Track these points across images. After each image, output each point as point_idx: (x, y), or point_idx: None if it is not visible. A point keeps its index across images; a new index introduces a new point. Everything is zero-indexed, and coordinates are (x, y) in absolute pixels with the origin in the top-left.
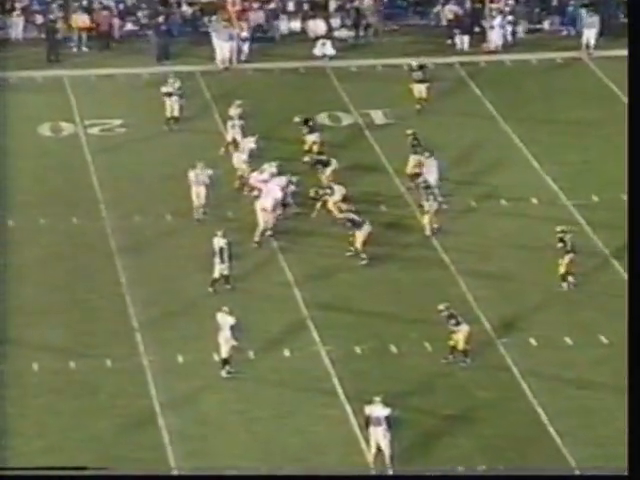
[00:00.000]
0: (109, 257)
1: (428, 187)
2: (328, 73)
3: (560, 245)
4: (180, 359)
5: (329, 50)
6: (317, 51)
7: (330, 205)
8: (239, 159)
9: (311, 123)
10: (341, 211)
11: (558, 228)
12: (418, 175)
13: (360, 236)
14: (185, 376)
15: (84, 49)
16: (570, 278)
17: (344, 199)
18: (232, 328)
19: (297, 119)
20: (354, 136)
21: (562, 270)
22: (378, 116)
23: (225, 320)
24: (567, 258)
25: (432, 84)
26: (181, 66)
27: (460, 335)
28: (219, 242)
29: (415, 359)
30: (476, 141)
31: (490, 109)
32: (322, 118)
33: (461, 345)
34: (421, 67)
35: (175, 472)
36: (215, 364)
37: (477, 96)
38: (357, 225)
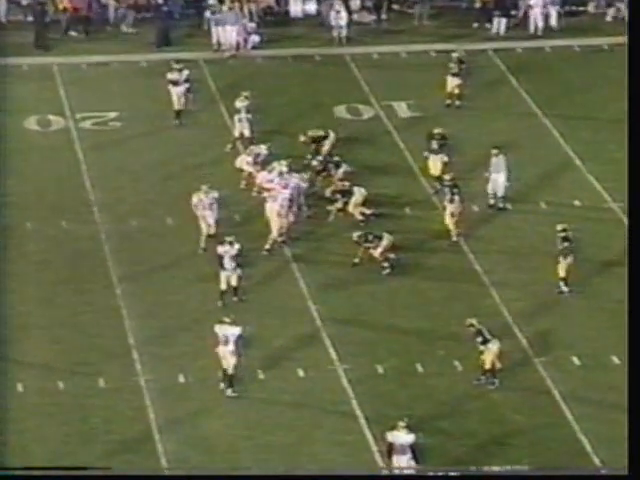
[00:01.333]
0: (103, 266)
1: (455, 186)
2: (347, 61)
3: (565, 245)
4: (181, 379)
5: (343, 21)
6: (333, 21)
7: (351, 208)
8: (242, 161)
9: (319, 140)
10: (363, 215)
11: (559, 227)
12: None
13: (379, 248)
14: (187, 397)
15: (72, 33)
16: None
17: (365, 202)
18: (238, 340)
19: (303, 138)
20: (375, 131)
21: (563, 273)
22: (402, 109)
23: (228, 332)
24: (570, 259)
25: (466, 81)
26: (183, 53)
27: (488, 354)
28: (228, 249)
29: (443, 379)
30: (511, 138)
31: (527, 102)
32: (340, 111)
33: (488, 364)
34: (460, 61)
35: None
36: (220, 384)
37: (513, 87)
38: (377, 238)
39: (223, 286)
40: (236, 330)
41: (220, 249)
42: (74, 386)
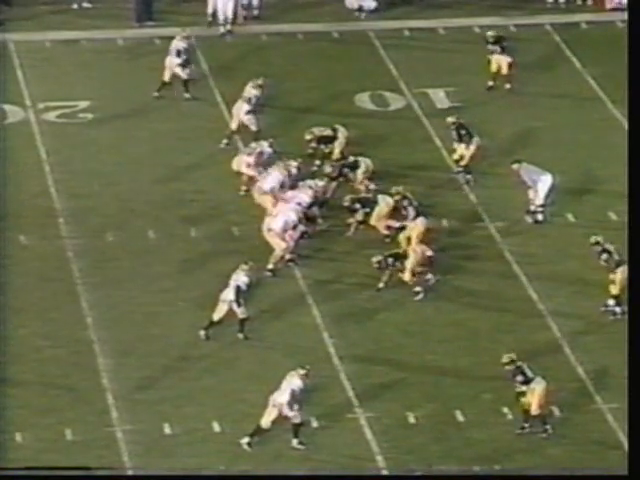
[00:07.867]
0: (70, 290)
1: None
2: (371, 39)
3: (604, 257)
4: (167, 429)
5: (368, 2)
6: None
7: (374, 220)
8: (242, 163)
9: (327, 141)
10: (389, 228)
11: (592, 239)
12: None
13: (408, 265)
14: (174, 452)
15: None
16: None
17: (392, 213)
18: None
19: (309, 137)
20: (406, 125)
21: (615, 290)
22: (439, 97)
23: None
24: (620, 272)
25: (515, 58)
26: (169, 28)
27: (533, 396)
28: (240, 278)
29: (489, 430)
30: (574, 132)
31: (594, 88)
32: (362, 100)
33: (536, 409)
34: (498, 39)
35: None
36: (217, 436)
37: (576, 71)
38: (402, 258)
39: (216, 316)
40: (299, 382)
41: (234, 277)
42: (34, 439)
